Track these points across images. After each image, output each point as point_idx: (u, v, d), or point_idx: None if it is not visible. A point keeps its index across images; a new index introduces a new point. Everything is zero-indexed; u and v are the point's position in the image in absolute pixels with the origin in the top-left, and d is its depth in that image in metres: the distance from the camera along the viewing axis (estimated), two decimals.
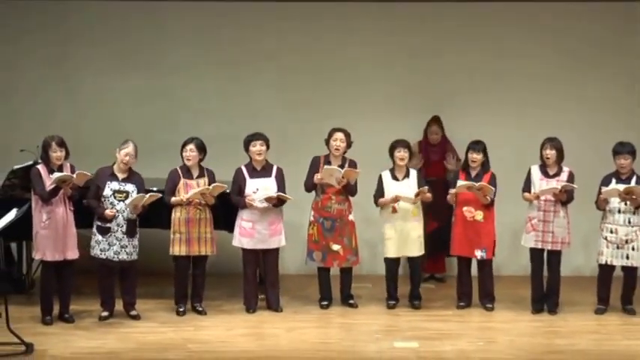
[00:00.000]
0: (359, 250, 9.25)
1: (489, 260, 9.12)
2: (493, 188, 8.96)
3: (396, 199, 8.99)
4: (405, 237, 9.07)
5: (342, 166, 9.04)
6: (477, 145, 9.12)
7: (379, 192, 9.12)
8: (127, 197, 8.62)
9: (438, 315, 9.00)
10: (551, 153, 8.94)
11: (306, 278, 9.78)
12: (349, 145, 9.07)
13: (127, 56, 10.68)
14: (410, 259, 9.23)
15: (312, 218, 9.19)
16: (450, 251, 9.28)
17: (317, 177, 8.97)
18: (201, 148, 8.83)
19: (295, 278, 10.12)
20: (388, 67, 10.62)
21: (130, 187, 8.65)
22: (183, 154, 8.79)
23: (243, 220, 8.91)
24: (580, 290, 9.66)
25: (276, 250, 8.98)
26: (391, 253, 9.13)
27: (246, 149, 8.96)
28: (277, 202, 8.89)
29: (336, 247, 9.12)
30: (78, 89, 10.75)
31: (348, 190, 9.07)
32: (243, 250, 8.95)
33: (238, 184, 8.94)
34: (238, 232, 8.94)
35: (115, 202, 8.60)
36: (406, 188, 9.05)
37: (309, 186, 9.11)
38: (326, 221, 9.11)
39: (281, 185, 8.91)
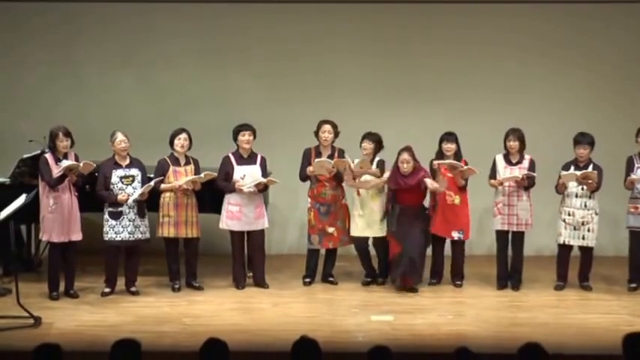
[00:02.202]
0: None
1: (463, 241, 9.46)
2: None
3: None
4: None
5: (331, 156, 9.33)
6: (450, 136, 9.42)
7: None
8: (133, 181, 8.92)
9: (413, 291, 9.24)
10: (514, 144, 9.27)
11: (288, 257, 10.22)
12: (336, 135, 9.38)
13: (128, 53, 10.93)
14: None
15: (308, 205, 9.54)
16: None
17: (309, 170, 9.32)
18: (190, 138, 9.20)
19: (279, 257, 10.43)
20: (371, 57, 10.83)
21: (134, 171, 8.99)
22: (177, 141, 9.06)
23: (230, 205, 9.21)
24: (541, 268, 9.92)
25: (261, 232, 9.32)
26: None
27: (235, 138, 9.26)
28: (263, 188, 9.23)
29: (331, 229, 9.49)
30: (82, 84, 11.05)
31: (339, 177, 9.40)
32: (231, 232, 9.26)
33: (226, 170, 9.21)
34: (225, 216, 9.23)
35: (124, 186, 8.92)
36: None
37: (303, 177, 9.50)
38: (322, 207, 9.46)
39: (264, 172, 9.24)
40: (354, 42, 10.85)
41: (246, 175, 9.14)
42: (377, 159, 9.40)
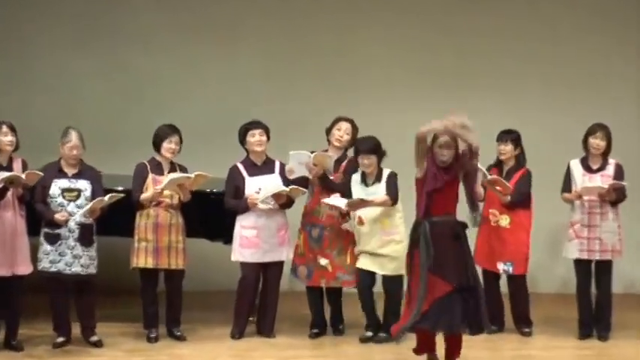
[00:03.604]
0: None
1: (520, 276, 8.21)
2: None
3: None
4: None
5: (340, 160, 8.08)
6: (507, 135, 8.17)
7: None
8: (78, 197, 7.68)
9: (465, 341, 7.59)
10: (601, 144, 8.02)
11: (293, 295, 8.86)
12: (355, 139, 8.01)
13: (86, 29, 10.09)
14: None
15: (300, 225, 8.16)
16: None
17: (287, 167, 7.87)
18: (181, 141, 8.01)
19: (290, 295, 9.04)
20: (395, 47, 10.13)
21: (82, 185, 7.72)
22: (166, 145, 7.89)
23: (245, 228, 7.97)
24: (636, 310, 9.14)
25: (281, 264, 8.06)
26: None
27: (242, 140, 8.03)
28: (286, 202, 7.92)
29: (323, 261, 7.98)
30: (29, 67, 10.12)
31: (326, 183, 7.87)
32: (244, 264, 8.02)
33: (235, 184, 7.99)
34: (239, 244, 7.99)
35: (65, 202, 7.64)
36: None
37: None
38: (313, 229, 8.02)
39: (286, 183, 7.96)
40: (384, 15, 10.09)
41: (263, 189, 7.92)
42: (387, 172, 7.87)
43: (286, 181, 7.92)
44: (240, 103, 9.48)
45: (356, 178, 7.86)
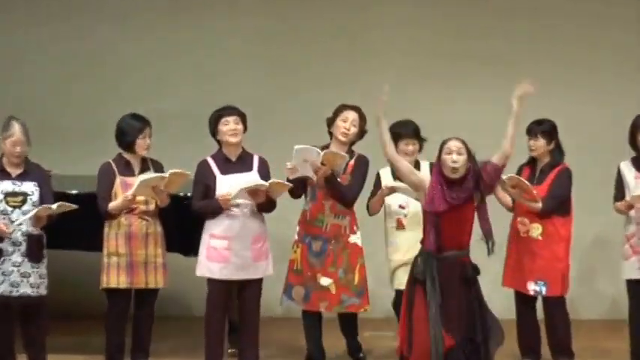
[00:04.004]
0: (367, 288, 7.10)
1: (557, 298, 7.07)
2: None
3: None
4: None
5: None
6: (538, 127, 7.09)
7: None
8: (24, 202, 6.79)
9: None
10: None
11: (294, 322, 7.83)
12: (363, 132, 6.98)
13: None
14: None
15: (296, 236, 7.07)
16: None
17: (288, 165, 6.78)
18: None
19: (279, 322, 8.22)
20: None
21: (28, 187, 6.83)
22: (140, 142, 6.97)
23: (214, 238, 6.84)
24: None
25: (258, 282, 6.91)
26: None
27: (214, 131, 7.00)
28: (265, 204, 6.80)
29: (325, 281, 6.87)
30: None
31: (333, 187, 6.87)
32: (211, 281, 6.90)
33: (204, 183, 6.92)
34: (205, 256, 6.90)
35: (9, 209, 6.75)
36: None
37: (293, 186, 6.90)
38: (314, 241, 6.92)
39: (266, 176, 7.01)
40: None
41: (236, 186, 6.87)
42: (425, 164, 6.99)
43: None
44: (221, 90, 8.55)
45: (385, 173, 6.93)
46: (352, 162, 6.87)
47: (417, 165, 6.88)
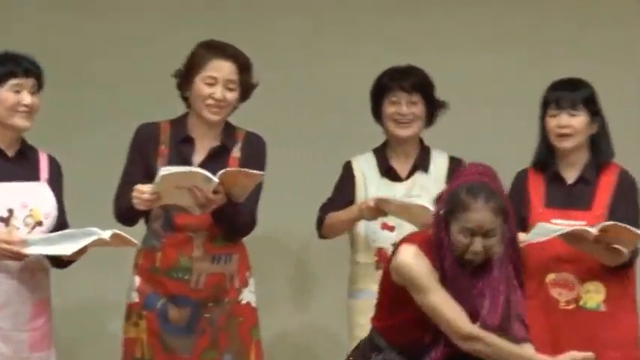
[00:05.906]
0: None
1: None
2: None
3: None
4: None
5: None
6: (574, 91, 3.76)
7: None
8: None
9: None
10: None
11: None
12: (247, 90, 3.74)
13: None
14: None
15: (134, 297, 3.71)
16: None
17: (143, 189, 3.51)
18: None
19: None
20: None
21: None
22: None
23: None
24: None
25: None
26: None
27: None
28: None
29: None
30: None
31: (229, 215, 3.60)
32: None
33: None
34: None
35: None
36: None
37: (120, 208, 3.65)
38: (173, 307, 3.66)
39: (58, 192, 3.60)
40: None
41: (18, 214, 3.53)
42: (441, 154, 4.03)
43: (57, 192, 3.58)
44: None
45: (366, 165, 4.07)
46: (237, 147, 3.68)
47: (424, 152, 4.00)
